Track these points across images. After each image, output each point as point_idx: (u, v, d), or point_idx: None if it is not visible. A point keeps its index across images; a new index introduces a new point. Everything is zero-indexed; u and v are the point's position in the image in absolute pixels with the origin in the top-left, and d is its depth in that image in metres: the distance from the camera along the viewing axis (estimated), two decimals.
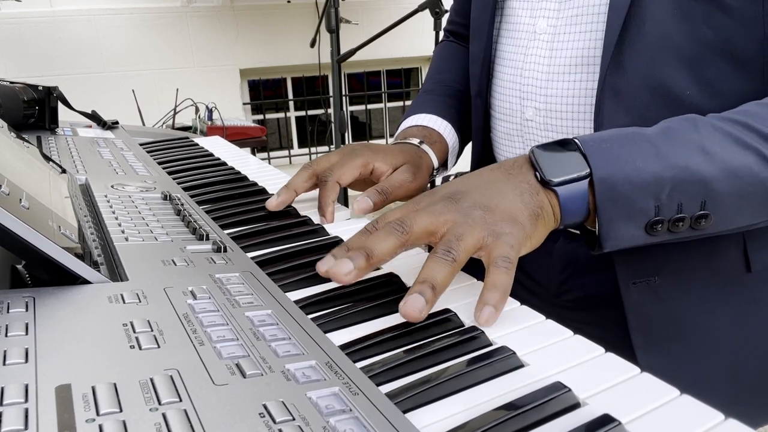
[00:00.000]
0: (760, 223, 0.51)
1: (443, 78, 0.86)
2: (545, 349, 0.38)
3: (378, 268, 0.49)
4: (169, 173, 0.79)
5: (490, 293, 0.41)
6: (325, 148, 4.28)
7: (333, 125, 2.89)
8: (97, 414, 0.26)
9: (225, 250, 0.50)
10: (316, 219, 0.62)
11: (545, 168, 0.47)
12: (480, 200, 0.46)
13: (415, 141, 0.74)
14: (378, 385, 0.33)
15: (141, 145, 1.00)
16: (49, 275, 0.39)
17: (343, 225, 0.62)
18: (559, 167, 0.47)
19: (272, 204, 0.63)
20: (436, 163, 0.74)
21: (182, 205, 0.62)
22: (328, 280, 0.48)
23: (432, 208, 0.46)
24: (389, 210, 0.49)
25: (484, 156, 0.78)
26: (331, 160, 0.66)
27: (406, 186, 0.66)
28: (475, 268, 0.48)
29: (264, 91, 4.10)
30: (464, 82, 0.81)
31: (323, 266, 0.45)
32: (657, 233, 0.48)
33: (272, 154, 4.18)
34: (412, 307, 0.40)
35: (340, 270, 0.43)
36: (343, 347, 0.37)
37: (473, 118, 0.78)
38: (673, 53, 0.54)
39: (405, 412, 0.30)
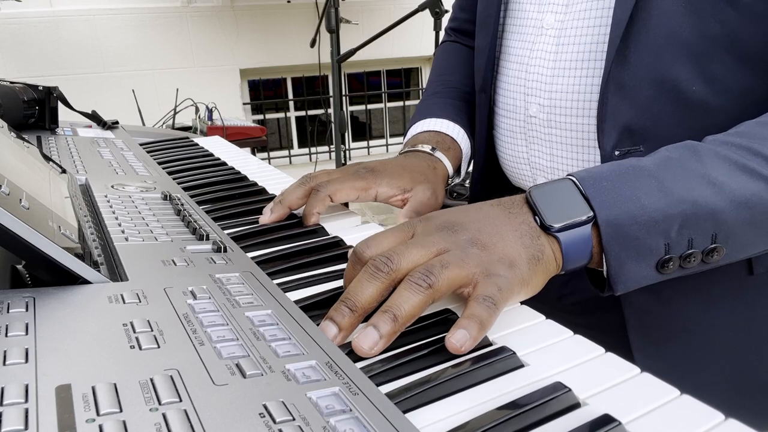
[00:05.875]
0: None
1: (449, 79, 0.82)
2: (545, 349, 0.38)
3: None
4: (169, 173, 0.79)
5: (466, 321, 0.37)
6: (324, 148, 4.28)
7: (333, 125, 2.89)
8: (98, 414, 0.26)
9: (225, 250, 0.50)
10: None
11: (545, 212, 0.44)
12: (478, 237, 0.43)
13: (427, 148, 0.69)
14: (378, 385, 0.33)
15: (141, 145, 1.00)
16: (49, 275, 0.39)
17: (350, 232, 0.62)
18: (559, 211, 0.44)
19: (265, 219, 0.62)
20: (450, 171, 0.70)
21: (182, 205, 0.62)
22: (327, 280, 0.48)
23: (425, 240, 0.42)
24: (379, 232, 0.45)
25: (488, 155, 0.76)
26: (332, 175, 0.63)
27: (431, 208, 0.63)
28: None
29: (264, 91, 4.11)
30: (471, 83, 0.78)
31: (330, 331, 0.39)
32: (668, 271, 0.46)
33: (272, 154, 4.19)
34: (361, 343, 0.36)
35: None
36: (343, 347, 0.37)
37: (477, 114, 0.75)
38: (679, 47, 0.53)
39: (405, 412, 0.30)
